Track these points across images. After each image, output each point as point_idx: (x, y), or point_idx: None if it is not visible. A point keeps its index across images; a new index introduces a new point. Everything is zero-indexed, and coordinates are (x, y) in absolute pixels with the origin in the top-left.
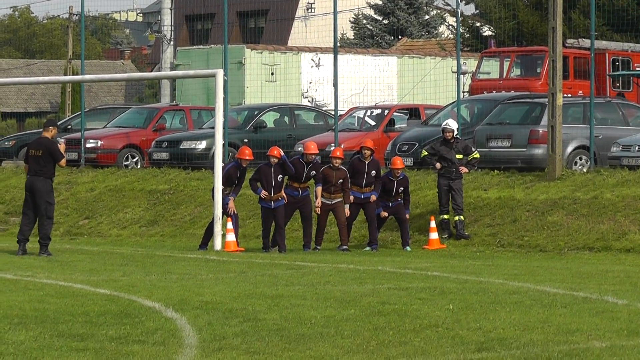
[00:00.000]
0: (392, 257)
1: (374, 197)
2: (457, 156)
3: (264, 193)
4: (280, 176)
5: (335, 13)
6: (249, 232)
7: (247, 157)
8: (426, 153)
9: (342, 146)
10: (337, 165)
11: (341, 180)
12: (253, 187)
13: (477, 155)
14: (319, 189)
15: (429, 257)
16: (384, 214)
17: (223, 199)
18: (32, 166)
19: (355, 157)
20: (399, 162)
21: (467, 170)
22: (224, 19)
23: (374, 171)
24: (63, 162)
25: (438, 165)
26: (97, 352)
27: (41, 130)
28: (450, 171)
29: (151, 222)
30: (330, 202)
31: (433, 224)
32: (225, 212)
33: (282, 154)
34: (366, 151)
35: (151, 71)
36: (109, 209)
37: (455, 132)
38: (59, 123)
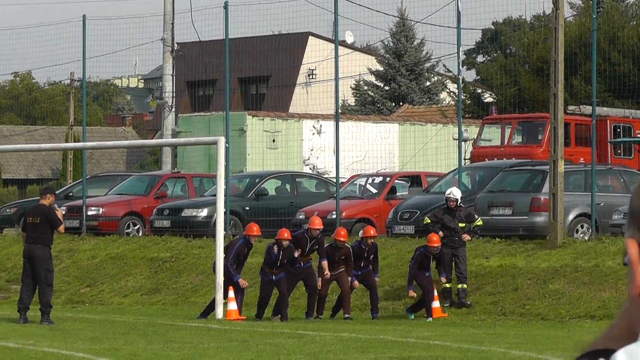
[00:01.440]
0: (393, 325)
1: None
2: (460, 225)
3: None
4: (286, 259)
5: (336, 79)
6: (251, 301)
7: (255, 234)
8: (429, 221)
9: (341, 233)
10: (340, 245)
11: (344, 257)
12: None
13: (480, 223)
14: (325, 262)
15: (430, 325)
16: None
17: (233, 276)
18: (30, 234)
19: (357, 243)
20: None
21: (469, 238)
22: (226, 85)
23: (372, 255)
24: (62, 228)
25: (441, 233)
26: None
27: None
28: (453, 240)
29: (153, 290)
30: (333, 273)
31: (435, 292)
32: (236, 290)
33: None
34: (370, 240)
35: (152, 138)
36: (111, 276)
37: (459, 201)
38: (60, 190)
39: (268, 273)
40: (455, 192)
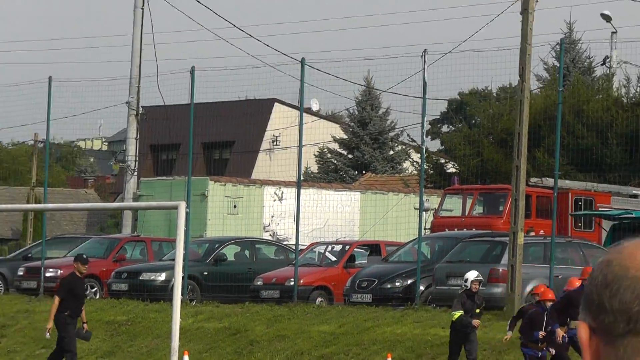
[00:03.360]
0: None
1: None
2: (476, 310)
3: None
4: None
5: (300, 147)
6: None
7: None
8: (460, 313)
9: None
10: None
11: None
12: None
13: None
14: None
15: None
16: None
17: None
18: None
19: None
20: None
21: (479, 323)
22: (189, 150)
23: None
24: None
25: (476, 322)
26: None
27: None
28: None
29: (108, 353)
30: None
31: None
32: None
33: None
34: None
35: (114, 201)
36: None
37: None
38: (19, 251)
39: (533, 348)
40: (478, 275)
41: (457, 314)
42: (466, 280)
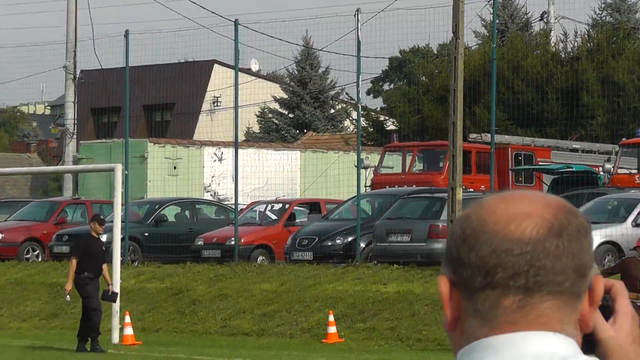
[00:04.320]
0: (289, 350)
1: None
2: None
3: None
4: None
5: (236, 107)
6: (148, 326)
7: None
8: None
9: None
10: None
11: None
12: None
13: None
14: None
15: (326, 350)
16: None
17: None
18: None
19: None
20: None
21: None
22: (126, 112)
23: None
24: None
25: None
26: None
27: None
28: None
29: (51, 315)
30: None
31: (331, 317)
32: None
33: None
34: None
35: (57, 164)
36: (9, 301)
37: None
38: None
39: None
40: None
41: None
42: None
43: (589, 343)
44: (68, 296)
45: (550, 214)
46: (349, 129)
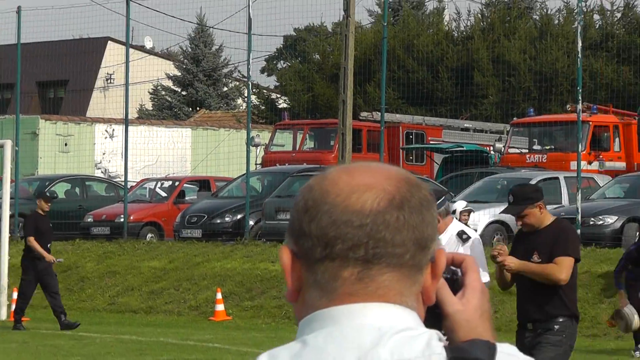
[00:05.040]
0: (177, 328)
1: None
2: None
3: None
4: None
5: (127, 84)
6: (36, 303)
7: None
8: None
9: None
10: None
11: None
12: None
13: None
14: None
15: (213, 328)
16: None
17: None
18: None
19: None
20: None
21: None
22: (17, 89)
23: None
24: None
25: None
26: None
27: None
28: None
29: None
30: None
31: (219, 295)
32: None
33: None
34: None
35: None
36: None
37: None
38: None
39: None
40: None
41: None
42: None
43: (437, 316)
44: (59, 259)
45: (392, 186)
46: (241, 107)
